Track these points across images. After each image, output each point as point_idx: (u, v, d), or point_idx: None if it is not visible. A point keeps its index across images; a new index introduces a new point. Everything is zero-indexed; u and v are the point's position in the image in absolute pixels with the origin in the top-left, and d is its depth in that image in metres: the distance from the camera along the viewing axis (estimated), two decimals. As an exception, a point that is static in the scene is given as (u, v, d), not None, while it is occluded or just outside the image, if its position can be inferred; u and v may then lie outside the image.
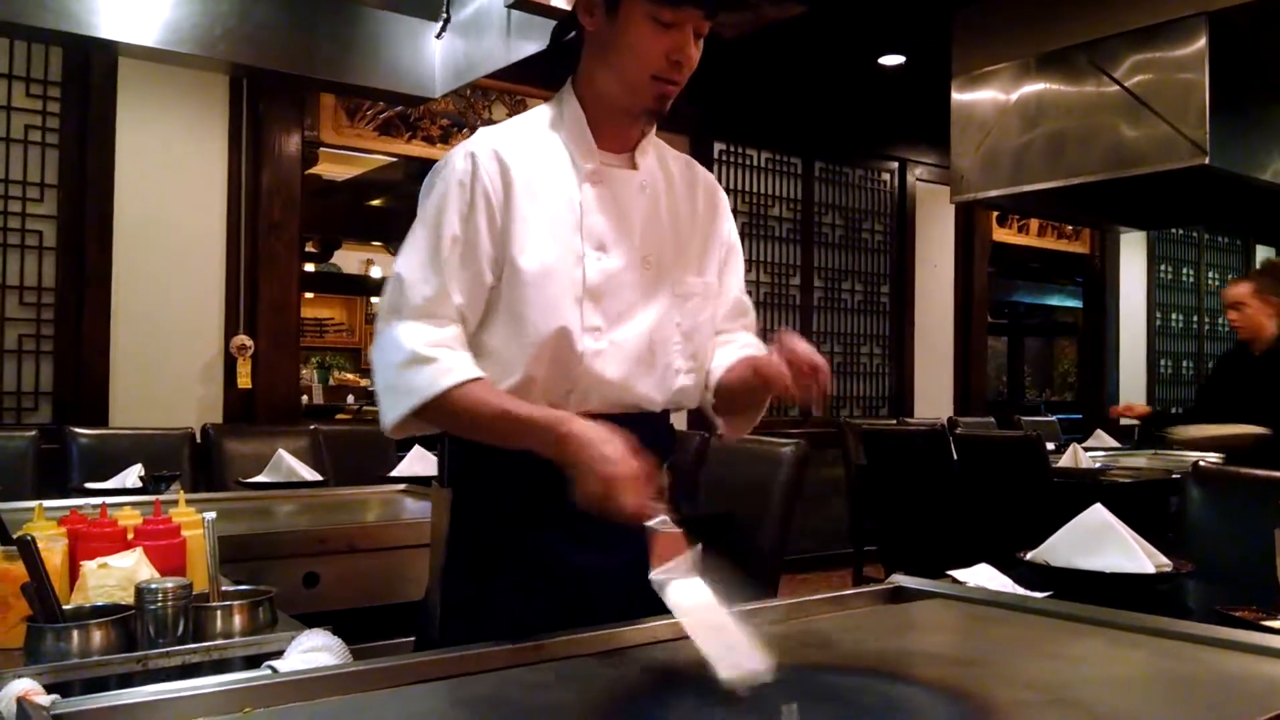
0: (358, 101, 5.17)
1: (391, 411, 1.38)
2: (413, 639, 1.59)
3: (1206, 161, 4.18)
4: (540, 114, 1.55)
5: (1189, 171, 4.34)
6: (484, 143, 1.46)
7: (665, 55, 1.41)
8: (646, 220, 1.53)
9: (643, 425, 1.53)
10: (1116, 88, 4.54)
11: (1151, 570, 1.81)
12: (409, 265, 1.42)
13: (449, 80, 3.35)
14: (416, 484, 3.28)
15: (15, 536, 1.36)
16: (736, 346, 1.65)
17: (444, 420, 1.41)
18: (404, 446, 3.84)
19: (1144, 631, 1.31)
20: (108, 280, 4.48)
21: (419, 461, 3.62)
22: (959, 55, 5.21)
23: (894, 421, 6.76)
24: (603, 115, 1.51)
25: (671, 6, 1.38)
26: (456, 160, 1.45)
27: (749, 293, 1.73)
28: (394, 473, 3.56)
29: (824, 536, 6.58)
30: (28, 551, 1.31)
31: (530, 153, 1.48)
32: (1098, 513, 1.93)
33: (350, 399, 9.14)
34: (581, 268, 1.45)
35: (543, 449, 1.31)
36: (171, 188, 4.67)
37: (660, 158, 1.60)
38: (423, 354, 1.36)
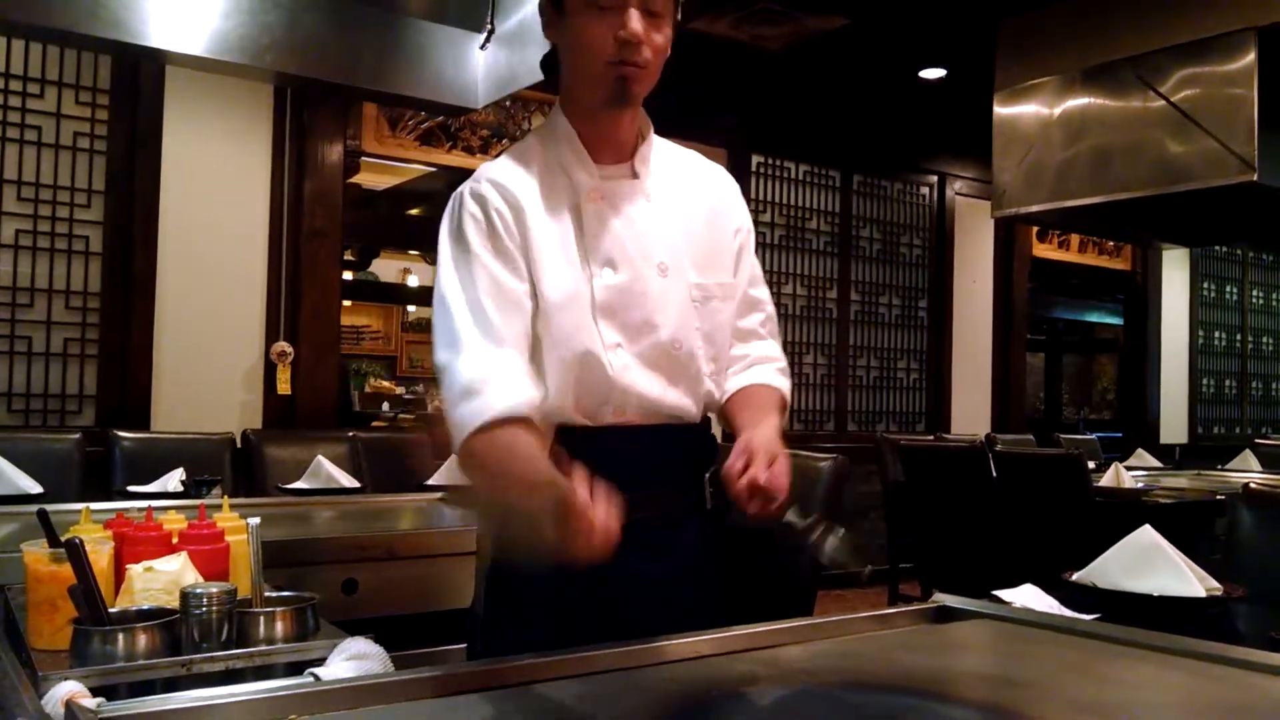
0: (399, 111, 5.22)
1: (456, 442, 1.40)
2: (451, 647, 1.60)
3: (1255, 178, 4.10)
4: (530, 143, 1.55)
5: (1236, 188, 4.27)
6: (484, 177, 1.48)
7: (613, 38, 1.40)
8: (656, 227, 1.51)
9: (683, 437, 1.53)
10: (1163, 102, 4.47)
11: (1202, 594, 1.78)
12: (455, 298, 1.41)
13: (491, 91, 3.35)
14: (454, 492, 3.28)
15: (63, 539, 1.37)
16: (744, 366, 1.63)
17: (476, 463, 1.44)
18: (442, 454, 3.84)
19: (1195, 656, 1.28)
20: (152, 286, 4.54)
21: (457, 470, 3.62)
22: (1002, 69, 5.17)
23: (931, 437, 6.69)
24: (591, 126, 1.51)
25: None
26: (464, 198, 1.46)
27: (784, 304, 1.69)
28: (431, 480, 3.57)
29: (859, 553, 6.52)
30: (76, 554, 1.32)
31: (529, 181, 1.48)
32: (1147, 534, 1.90)
33: (385, 406, 9.18)
34: (590, 287, 1.45)
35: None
36: (216, 195, 4.73)
37: (663, 159, 1.58)
38: (472, 385, 1.38)
